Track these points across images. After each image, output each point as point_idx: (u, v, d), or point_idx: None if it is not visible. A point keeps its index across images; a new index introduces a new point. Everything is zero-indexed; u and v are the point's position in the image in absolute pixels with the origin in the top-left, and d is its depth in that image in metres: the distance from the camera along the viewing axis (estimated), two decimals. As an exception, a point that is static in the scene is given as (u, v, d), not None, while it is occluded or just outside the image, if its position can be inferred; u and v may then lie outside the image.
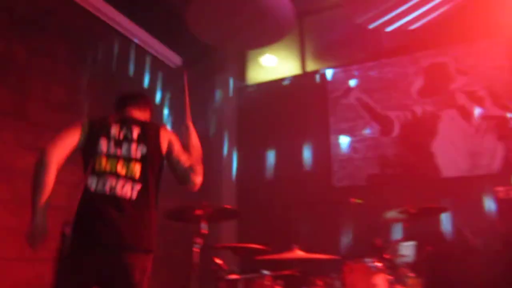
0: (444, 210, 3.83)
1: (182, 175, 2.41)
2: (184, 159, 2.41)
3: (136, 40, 5.19)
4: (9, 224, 3.62)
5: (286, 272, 3.70)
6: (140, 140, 2.34)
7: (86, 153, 2.33)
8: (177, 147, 2.43)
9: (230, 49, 6.61)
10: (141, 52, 5.33)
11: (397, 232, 3.72)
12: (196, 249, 3.43)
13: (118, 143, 2.32)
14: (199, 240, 3.44)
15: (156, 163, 2.35)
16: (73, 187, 4.19)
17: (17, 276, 3.62)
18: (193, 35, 5.61)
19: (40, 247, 2.25)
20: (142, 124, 2.44)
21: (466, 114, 5.35)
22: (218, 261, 3.52)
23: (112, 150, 2.30)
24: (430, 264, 3.68)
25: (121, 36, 5.05)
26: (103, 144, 2.31)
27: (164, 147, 2.39)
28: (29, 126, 3.88)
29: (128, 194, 2.22)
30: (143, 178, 2.27)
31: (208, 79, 6.50)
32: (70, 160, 4.15)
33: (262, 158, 5.87)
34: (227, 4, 5.30)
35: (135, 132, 2.36)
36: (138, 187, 2.25)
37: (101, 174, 2.26)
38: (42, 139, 3.97)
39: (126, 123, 2.41)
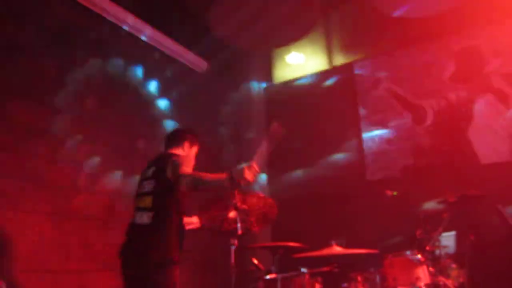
0: (485, 197, 3.69)
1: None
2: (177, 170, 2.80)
3: (162, 49, 5.28)
4: (52, 237, 3.74)
5: (325, 269, 3.68)
6: (152, 176, 2.94)
7: None
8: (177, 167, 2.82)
9: (255, 49, 6.63)
10: (168, 60, 5.42)
11: (437, 222, 3.61)
12: (232, 250, 3.46)
13: (142, 183, 3.00)
14: (235, 242, 3.47)
15: (165, 192, 2.85)
16: (112, 195, 4.33)
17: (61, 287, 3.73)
18: (218, 39, 5.67)
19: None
20: (158, 162, 3.01)
21: (503, 97, 5.15)
22: (255, 261, 3.53)
23: (139, 190, 2.99)
24: (473, 254, 3.57)
25: (149, 45, 5.15)
26: (138, 187, 3.04)
27: (169, 173, 2.83)
28: (63, 140, 4.00)
29: (144, 221, 2.83)
30: (154, 207, 2.84)
31: (235, 80, 6.54)
32: (107, 170, 4.28)
33: (294, 155, 5.85)
34: (250, 6, 5.32)
35: (151, 171, 2.97)
36: (151, 214, 2.83)
37: (135, 209, 2.96)
38: (77, 152, 4.10)
39: (149, 164, 3.05)
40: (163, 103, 5.27)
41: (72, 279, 3.81)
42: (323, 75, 6.35)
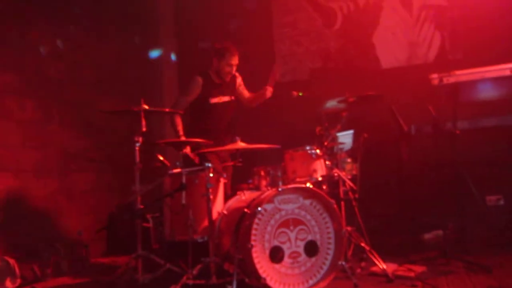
0: (380, 98, 3.93)
1: None
2: None
3: None
4: None
5: (229, 163, 3.80)
6: None
7: None
8: None
9: None
10: None
11: (336, 120, 3.82)
12: (137, 147, 3.42)
13: None
14: (139, 139, 3.42)
15: None
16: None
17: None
18: None
19: None
20: None
21: (407, 3, 5.34)
22: (160, 157, 3.54)
23: None
24: (366, 150, 3.87)
25: None
26: None
27: None
28: None
29: None
30: None
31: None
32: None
33: (203, 53, 5.68)
34: None
35: None
36: None
37: None
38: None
39: None
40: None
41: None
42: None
